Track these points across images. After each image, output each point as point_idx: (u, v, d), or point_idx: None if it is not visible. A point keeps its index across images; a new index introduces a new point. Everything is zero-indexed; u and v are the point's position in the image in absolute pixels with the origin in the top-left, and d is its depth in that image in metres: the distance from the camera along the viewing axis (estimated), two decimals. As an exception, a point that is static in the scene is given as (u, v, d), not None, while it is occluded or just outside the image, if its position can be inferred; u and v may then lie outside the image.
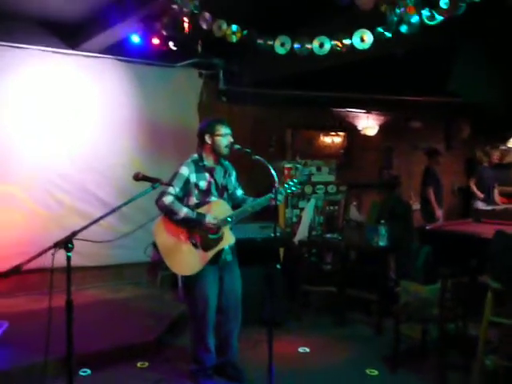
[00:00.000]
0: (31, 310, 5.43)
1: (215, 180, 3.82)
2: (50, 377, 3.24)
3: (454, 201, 10.41)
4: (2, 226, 5.82)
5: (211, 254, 3.69)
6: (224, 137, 3.77)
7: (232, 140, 3.80)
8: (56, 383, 3.12)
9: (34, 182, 6.01)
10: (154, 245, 3.68)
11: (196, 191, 3.74)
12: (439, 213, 7.76)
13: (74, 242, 2.60)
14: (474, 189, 8.24)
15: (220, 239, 3.71)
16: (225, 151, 3.79)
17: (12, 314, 5.22)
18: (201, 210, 3.71)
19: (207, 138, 3.77)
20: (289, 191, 3.97)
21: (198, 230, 3.67)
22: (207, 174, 3.79)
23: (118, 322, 5.16)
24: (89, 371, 4.13)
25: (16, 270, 2.31)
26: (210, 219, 3.64)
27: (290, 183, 3.92)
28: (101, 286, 6.58)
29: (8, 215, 5.87)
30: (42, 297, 5.21)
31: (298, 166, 7.08)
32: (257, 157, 3.58)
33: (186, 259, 3.67)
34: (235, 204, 3.95)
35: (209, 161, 3.82)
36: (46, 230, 5.73)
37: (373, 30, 4.18)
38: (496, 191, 8.47)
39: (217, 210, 3.74)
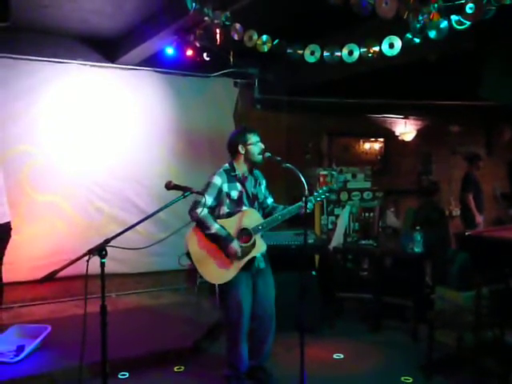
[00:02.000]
0: (74, 314, 5.63)
1: (246, 190, 3.85)
2: (87, 379, 3.34)
3: (496, 206, 10.16)
4: (45, 234, 6.06)
5: (242, 262, 3.73)
6: (255, 145, 3.80)
7: (263, 147, 3.84)
8: (94, 385, 3.23)
9: (74, 192, 6.23)
10: (188, 254, 3.73)
11: (228, 201, 3.78)
12: (479, 219, 7.56)
13: (114, 249, 2.67)
14: None
15: (251, 247, 3.74)
16: (258, 159, 3.81)
17: (55, 319, 5.45)
18: (232, 219, 3.75)
19: (240, 149, 3.81)
20: (318, 199, 4.00)
21: (223, 247, 3.69)
22: (238, 184, 3.82)
23: (157, 327, 5.28)
24: (127, 374, 4.25)
25: (51, 277, 2.41)
26: (236, 246, 3.66)
27: (320, 191, 3.96)
28: (140, 293, 6.75)
29: (51, 224, 6.11)
30: (84, 302, 5.37)
31: (334, 172, 7.08)
32: (287, 164, 3.60)
33: (219, 268, 3.71)
34: (265, 212, 3.99)
35: (241, 170, 3.85)
36: (86, 238, 5.92)
37: (402, 37, 4.18)
38: None
39: (247, 219, 3.77)
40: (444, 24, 3.65)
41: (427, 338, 4.25)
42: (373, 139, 9.70)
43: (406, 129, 9.91)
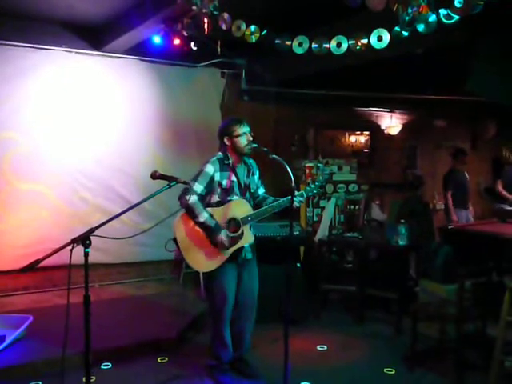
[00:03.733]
0: (56, 304, 5.60)
1: (238, 179, 3.83)
2: (71, 369, 3.32)
3: (480, 201, 10.27)
4: (28, 223, 5.99)
5: (230, 251, 3.71)
6: (242, 136, 3.76)
7: (251, 138, 3.80)
8: (77, 376, 3.20)
9: (59, 181, 6.16)
10: (175, 240, 3.71)
11: (219, 189, 3.75)
12: (455, 217, 7.54)
13: (98, 239, 2.65)
14: (502, 190, 7.87)
15: (239, 237, 3.73)
16: (245, 150, 3.78)
17: (38, 309, 5.40)
18: (222, 208, 3.73)
19: (226, 140, 3.78)
20: (310, 194, 4.00)
21: (211, 237, 3.67)
22: (231, 173, 3.80)
23: (141, 317, 5.26)
24: (110, 365, 4.24)
25: (33, 266, 2.38)
26: (223, 236, 3.63)
27: (312, 186, 3.95)
28: (124, 283, 6.72)
29: (34, 213, 6.04)
30: (66, 292, 5.33)
31: (320, 165, 7.07)
32: (273, 156, 3.57)
33: (205, 256, 3.69)
34: (256, 203, 3.97)
35: (232, 160, 3.82)
36: (70, 228, 5.86)
37: (390, 30, 4.18)
38: None
39: (237, 209, 3.75)
40: (432, 18, 3.65)
41: (410, 330, 4.30)
42: (359, 132, 9.73)
43: (391, 122, 9.96)
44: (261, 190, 4.06)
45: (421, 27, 3.75)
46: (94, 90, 6.41)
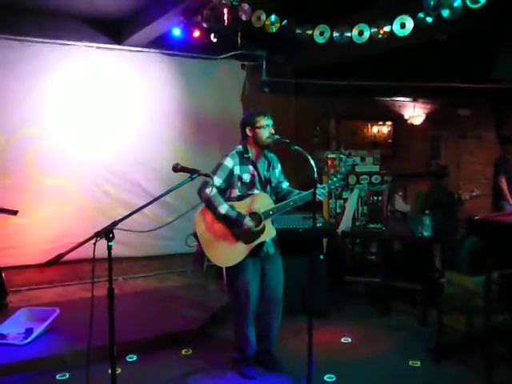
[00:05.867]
0: (81, 298, 5.66)
1: (258, 173, 3.79)
2: (97, 361, 3.35)
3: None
4: (52, 217, 6.06)
5: (251, 246, 3.69)
6: (265, 128, 3.72)
7: (273, 131, 3.75)
8: (103, 367, 3.22)
9: (81, 175, 6.22)
10: (195, 235, 3.69)
11: (239, 183, 3.72)
12: None
13: (121, 233, 2.65)
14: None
15: (261, 232, 3.69)
16: (267, 142, 3.74)
17: (63, 302, 5.47)
18: (243, 202, 3.70)
19: (248, 131, 3.75)
20: (332, 187, 3.96)
21: (235, 228, 3.65)
22: (251, 167, 3.76)
23: (164, 310, 5.29)
24: (135, 357, 4.27)
25: (57, 260, 2.39)
26: (248, 222, 3.61)
27: (334, 179, 3.92)
28: (147, 276, 6.77)
29: (58, 207, 6.10)
30: (91, 286, 5.39)
31: (342, 156, 7.02)
32: (296, 147, 3.52)
33: (227, 251, 3.67)
34: (280, 197, 3.93)
35: (253, 153, 3.79)
36: (94, 222, 5.92)
37: (414, 16, 4.10)
38: None
39: (258, 202, 3.72)
40: (458, 2, 3.56)
41: (436, 322, 4.23)
42: (381, 122, 9.62)
43: (414, 112, 9.83)
44: (284, 184, 4.02)
45: (445, 13, 3.66)
46: (115, 85, 6.43)
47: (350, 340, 4.66)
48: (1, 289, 5.23)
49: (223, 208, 3.60)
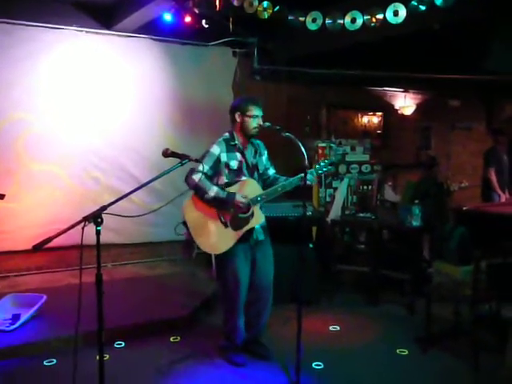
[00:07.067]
0: (69, 284, 5.63)
1: (246, 159, 3.78)
2: (85, 347, 3.34)
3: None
4: (41, 203, 6.02)
5: (240, 233, 3.68)
6: (254, 118, 3.70)
7: (261, 123, 3.72)
8: (90, 353, 3.21)
9: (71, 161, 6.17)
10: (184, 223, 3.67)
11: (226, 171, 3.71)
12: (504, 196, 7.26)
13: (109, 220, 2.63)
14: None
15: (250, 218, 3.69)
16: (252, 132, 3.73)
17: (51, 288, 5.44)
18: (231, 189, 3.68)
19: (237, 116, 3.73)
20: (320, 172, 3.95)
21: (227, 209, 3.66)
22: (238, 154, 3.75)
23: (153, 297, 5.27)
24: (123, 344, 4.26)
25: (45, 243, 2.36)
26: (239, 198, 3.60)
27: (321, 164, 3.90)
28: (136, 263, 6.75)
29: (47, 193, 6.07)
30: (79, 272, 5.37)
31: (332, 145, 7.01)
32: (287, 134, 3.53)
33: (216, 238, 3.66)
34: (267, 183, 3.93)
35: (239, 140, 3.77)
36: (83, 207, 5.82)
37: (407, 4, 4.08)
38: None
39: (247, 189, 3.71)
40: (451, -10, 3.55)
41: (424, 311, 4.26)
42: (371, 112, 9.62)
43: (405, 102, 9.83)
44: (271, 171, 4.02)
45: (439, 1, 3.64)
46: (105, 70, 6.37)
47: (338, 328, 4.68)
48: None
49: (212, 190, 3.59)
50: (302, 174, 3.58)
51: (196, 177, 3.55)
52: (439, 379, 3.71)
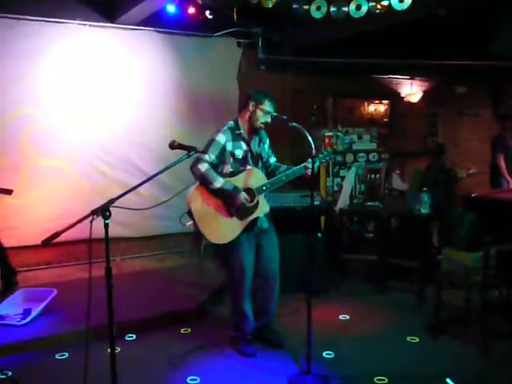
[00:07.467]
0: (79, 278, 5.64)
1: (250, 148, 3.78)
2: (96, 341, 3.35)
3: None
4: (48, 198, 6.02)
5: (246, 222, 3.69)
6: (266, 114, 3.71)
7: (269, 120, 3.74)
8: (102, 347, 3.23)
9: (77, 155, 6.16)
10: (189, 213, 3.67)
11: (231, 159, 3.70)
12: (511, 184, 7.23)
13: (118, 213, 2.63)
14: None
15: (254, 208, 3.69)
16: (258, 125, 3.74)
17: (61, 283, 5.47)
18: (236, 179, 3.68)
19: (251, 105, 3.72)
20: (323, 160, 3.97)
21: (230, 204, 3.64)
22: (243, 143, 3.75)
23: (162, 290, 5.29)
24: (134, 336, 4.28)
25: (53, 238, 2.37)
26: (243, 197, 3.59)
27: (325, 152, 3.92)
28: (145, 256, 6.76)
29: (54, 188, 6.06)
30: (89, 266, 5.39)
31: (339, 134, 6.98)
32: (294, 124, 3.52)
33: (221, 227, 3.66)
34: (268, 171, 3.94)
35: (244, 129, 3.77)
36: (90, 202, 5.82)
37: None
38: None
39: (252, 178, 3.71)
40: (456, -25, 3.50)
41: (434, 299, 4.26)
42: (378, 101, 9.56)
43: (412, 90, 9.76)
44: (272, 159, 4.03)
45: (444, -14, 3.60)
46: (110, 63, 6.34)
47: (348, 317, 4.68)
48: (9, 267, 5.22)
49: (219, 182, 3.58)
50: (306, 163, 3.60)
51: (202, 166, 3.55)
52: (450, 366, 3.70)
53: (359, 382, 3.55)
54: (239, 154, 3.72)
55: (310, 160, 3.54)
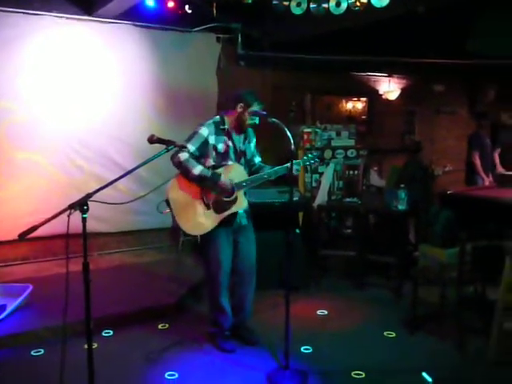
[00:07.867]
0: (56, 273, 5.57)
1: (234, 144, 3.79)
2: (73, 337, 3.32)
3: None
4: (25, 192, 5.93)
5: (222, 216, 3.69)
6: (254, 116, 3.74)
7: (256, 123, 3.77)
8: (79, 342, 3.20)
9: (55, 149, 6.08)
10: (167, 202, 3.67)
11: (214, 153, 3.71)
12: (487, 180, 7.33)
13: (95, 208, 2.61)
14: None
15: (233, 202, 3.70)
16: (245, 126, 3.78)
17: (37, 278, 5.39)
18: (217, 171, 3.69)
19: (239, 107, 3.73)
20: (307, 163, 3.99)
21: (211, 190, 3.66)
22: (226, 138, 3.75)
23: (140, 285, 5.26)
24: (111, 332, 4.25)
25: (30, 232, 2.34)
26: (224, 180, 3.62)
27: (309, 156, 3.95)
28: (123, 252, 6.71)
29: (31, 182, 5.97)
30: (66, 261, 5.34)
31: (318, 130, 7.01)
32: (273, 119, 3.53)
33: (197, 218, 3.66)
34: (252, 171, 3.95)
35: (230, 125, 3.78)
36: (68, 196, 5.71)
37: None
38: None
39: (232, 173, 3.72)
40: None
41: (411, 294, 4.31)
42: (356, 98, 9.61)
43: (389, 87, 9.83)
44: (257, 159, 4.04)
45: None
46: (87, 57, 6.25)
47: (326, 312, 4.72)
48: None
49: (197, 169, 3.58)
50: (288, 164, 3.61)
51: (182, 155, 3.55)
52: (426, 361, 3.75)
53: (337, 376, 3.58)
54: (221, 148, 3.72)
55: (295, 162, 3.59)
